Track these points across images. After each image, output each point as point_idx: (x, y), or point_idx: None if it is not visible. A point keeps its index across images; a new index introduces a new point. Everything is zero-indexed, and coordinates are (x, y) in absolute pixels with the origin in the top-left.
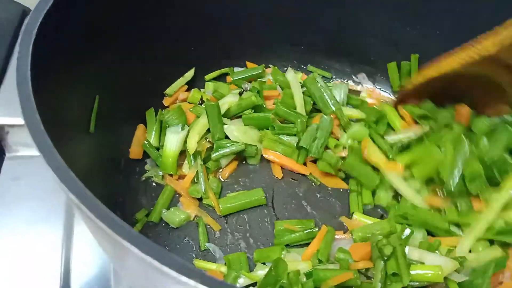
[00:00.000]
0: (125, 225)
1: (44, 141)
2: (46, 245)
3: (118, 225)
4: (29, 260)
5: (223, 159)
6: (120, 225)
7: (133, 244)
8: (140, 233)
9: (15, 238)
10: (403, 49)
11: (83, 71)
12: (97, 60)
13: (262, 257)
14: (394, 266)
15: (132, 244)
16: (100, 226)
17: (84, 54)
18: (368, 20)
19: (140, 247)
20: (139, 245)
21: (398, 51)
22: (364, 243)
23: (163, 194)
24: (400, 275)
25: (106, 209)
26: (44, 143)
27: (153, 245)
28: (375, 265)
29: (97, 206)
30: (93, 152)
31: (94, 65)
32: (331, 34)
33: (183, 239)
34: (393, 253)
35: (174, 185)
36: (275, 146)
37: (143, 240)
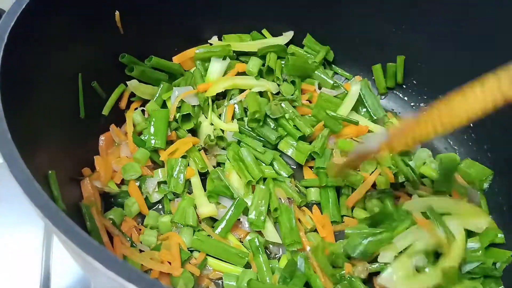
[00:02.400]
0: (90, 239)
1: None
2: (26, 247)
3: (83, 239)
4: (8, 263)
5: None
6: (86, 240)
7: (97, 260)
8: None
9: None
10: (388, 50)
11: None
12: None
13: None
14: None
15: (97, 260)
16: (62, 238)
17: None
18: (354, 20)
19: (105, 263)
20: (104, 261)
21: (383, 51)
22: None
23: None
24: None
25: (70, 222)
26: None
27: (117, 261)
28: None
29: (62, 220)
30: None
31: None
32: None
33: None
34: None
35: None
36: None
37: (109, 256)
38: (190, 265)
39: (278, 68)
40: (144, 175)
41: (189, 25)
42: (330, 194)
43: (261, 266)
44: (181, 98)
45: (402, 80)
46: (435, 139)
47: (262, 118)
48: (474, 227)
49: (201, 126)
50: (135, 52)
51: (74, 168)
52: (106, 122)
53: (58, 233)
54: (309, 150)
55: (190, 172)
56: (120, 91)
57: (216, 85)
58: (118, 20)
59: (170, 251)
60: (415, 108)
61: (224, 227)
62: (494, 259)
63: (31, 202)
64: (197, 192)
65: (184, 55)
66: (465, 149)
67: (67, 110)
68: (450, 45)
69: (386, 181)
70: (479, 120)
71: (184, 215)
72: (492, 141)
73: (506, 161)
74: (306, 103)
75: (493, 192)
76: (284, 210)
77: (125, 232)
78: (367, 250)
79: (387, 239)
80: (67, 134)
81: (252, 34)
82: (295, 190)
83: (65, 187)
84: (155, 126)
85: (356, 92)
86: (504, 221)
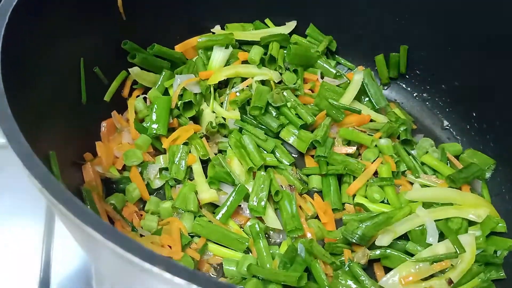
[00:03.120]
0: (89, 212)
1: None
2: (26, 238)
3: (81, 210)
4: (8, 253)
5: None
6: (84, 211)
7: (96, 230)
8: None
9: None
10: (391, 40)
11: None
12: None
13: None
14: None
15: (96, 230)
16: (62, 210)
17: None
18: (357, 10)
19: (104, 234)
20: (103, 232)
21: (386, 42)
22: None
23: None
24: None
25: (70, 195)
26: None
27: (116, 232)
28: None
29: (61, 192)
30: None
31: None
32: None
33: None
34: None
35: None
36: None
37: (107, 227)
38: (190, 250)
39: (280, 57)
40: (145, 161)
41: (191, 14)
42: (332, 182)
43: (261, 251)
44: (183, 85)
45: (405, 70)
46: (438, 129)
47: (264, 106)
48: (475, 217)
49: (203, 114)
50: (137, 40)
51: (76, 152)
52: (108, 108)
53: (57, 205)
54: (311, 139)
55: (191, 159)
56: (122, 78)
57: (219, 73)
58: (121, 6)
59: (170, 235)
60: (418, 98)
61: (225, 213)
62: (495, 247)
63: (31, 175)
64: (199, 178)
65: (187, 43)
66: (468, 139)
67: (69, 94)
68: (453, 35)
69: (388, 170)
70: (481, 110)
71: (185, 201)
72: (495, 131)
73: (508, 151)
74: (309, 92)
75: (495, 181)
76: (286, 195)
77: (126, 217)
78: (365, 234)
79: (384, 222)
80: (69, 118)
81: (255, 24)
82: (296, 177)
83: (66, 170)
84: (157, 113)
85: (358, 82)
86: (506, 210)
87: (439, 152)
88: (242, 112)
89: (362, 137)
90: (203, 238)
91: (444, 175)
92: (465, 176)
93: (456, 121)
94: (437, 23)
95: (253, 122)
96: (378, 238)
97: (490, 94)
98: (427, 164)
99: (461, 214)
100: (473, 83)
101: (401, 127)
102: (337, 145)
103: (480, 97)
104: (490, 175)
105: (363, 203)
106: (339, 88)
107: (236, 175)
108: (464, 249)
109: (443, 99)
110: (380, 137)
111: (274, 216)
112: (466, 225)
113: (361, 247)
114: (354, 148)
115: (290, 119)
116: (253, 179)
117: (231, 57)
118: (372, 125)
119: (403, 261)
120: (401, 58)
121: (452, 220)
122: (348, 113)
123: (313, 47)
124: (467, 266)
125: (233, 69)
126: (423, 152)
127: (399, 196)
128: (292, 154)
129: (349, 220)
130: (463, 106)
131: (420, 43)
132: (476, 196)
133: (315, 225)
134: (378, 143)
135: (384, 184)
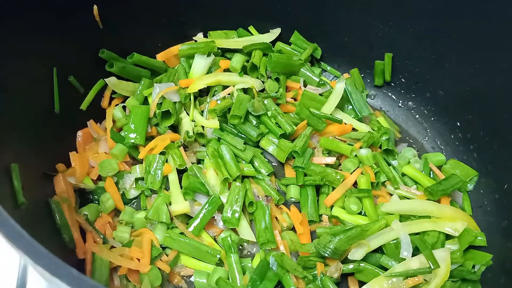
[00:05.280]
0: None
1: None
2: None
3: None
4: None
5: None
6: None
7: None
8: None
9: None
10: (377, 47)
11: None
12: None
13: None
14: None
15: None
16: None
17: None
18: (342, 17)
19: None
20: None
21: (372, 49)
22: None
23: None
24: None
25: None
26: None
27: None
28: None
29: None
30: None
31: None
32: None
33: None
34: None
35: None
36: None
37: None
38: (160, 262)
39: (262, 65)
40: (122, 171)
41: (173, 21)
42: (310, 192)
43: (232, 266)
44: (162, 94)
45: (390, 78)
46: (422, 138)
47: (243, 115)
48: (451, 230)
49: (182, 123)
50: (117, 48)
51: (48, 163)
52: (86, 117)
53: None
54: (290, 149)
55: (167, 169)
56: (99, 87)
57: (199, 81)
58: (97, 14)
59: (140, 247)
60: (403, 107)
61: (198, 225)
62: (473, 261)
63: None
64: (173, 189)
65: (169, 52)
66: (452, 149)
67: (40, 104)
68: (438, 44)
69: (367, 181)
70: (466, 119)
71: (158, 212)
72: (479, 141)
73: (491, 162)
74: (291, 100)
75: (478, 193)
76: (260, 207)
77: (99, 228)
78: (337, 248)
79: (358, 236)
80: (40, 127)
81: (238, 31)
82: (273, 188)
83: (36, 182)
84: (135, 122)
85: (340, 90)
86: (488, 222)
87: (421, 163)
88: (223, 120)
89: (341, 147)
90: (175, 250)
91: (424, 186)
92: (444, 188)
93: (441, 131)
94: (423, 31)
95: (233, 131)
96: (351, 252)
97: (475, 104)
98: (408, 175)
99: (438, 227)
100: (458, 92)
101: (383, 137)
102: (317, 155)
103: (465, 107)
104: (472, 187)
105: (337, 216)
106: (321, 96)
107: (210, 185)
108: (438, 264)
109: (428, 108)
110: (360, 146)
111: (248, 227)
112: (443, 238)
113: (335, 261)
114: (334, 158)
115: (270, 128)
116: (228, 189)
117: (213, 65)
118: (354, 134)
119: (377, 275)
120: (386, 66)
121: (429, 234)
122: (330, 122)
123: (296, 55)
124: (441, 282)
125: (214, 77)
126: (405, 162)
127: (377, 208)
128: (272, 163)
129: (323, 233)
130: (447, 115)
131: (405, 51)
132: (454, 208)
133: (289, 237)
134: (358, 153)
135: (361, 195)
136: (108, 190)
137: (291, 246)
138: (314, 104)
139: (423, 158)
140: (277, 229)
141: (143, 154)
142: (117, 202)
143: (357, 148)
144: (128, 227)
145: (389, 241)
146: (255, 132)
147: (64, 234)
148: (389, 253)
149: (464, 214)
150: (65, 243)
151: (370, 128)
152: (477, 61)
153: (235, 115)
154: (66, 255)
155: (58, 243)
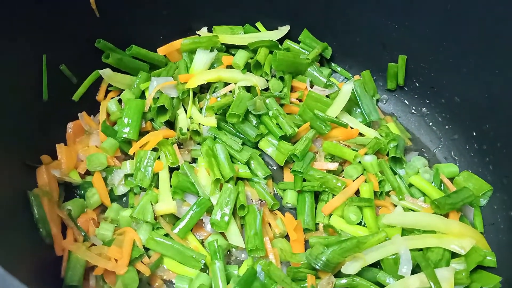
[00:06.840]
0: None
1: None
2: None
3: None
4: None
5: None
6: None
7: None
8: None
9: None
10: (390, 49)
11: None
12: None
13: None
14: None
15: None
16: None
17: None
18: (354, 15)
19: None
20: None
21: (386, 50)
22: None
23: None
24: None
25: None
26: None
27: None
28: None
29: None
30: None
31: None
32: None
33: None
34: None
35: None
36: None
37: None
38: (141, 264)
39: (267, 63)
40: (111, 166)
41: (176, 13)
42: (307, 199)
43: (215, 273)
44: (159, 88)
45: (403, 82)
46: (435, 147)
47: (242, 114)
48: (457, 248)
49: (178, 119)
50: (114, 39)
51: (31, 153)
52: (78, 109)
53: None
54: (290, 152)
55: (158, 166)
56: (94, 78)
57: (199, 77)
58: (93, 2)
59: (120, 247)
60: (417, 113)
61: (183, 227)
62: (481, 284)
63: None
64: (162, 187)
65: (170, 46)
66: (466, 160)
67: (28, 90)
68: (455, 46)
69: (370, 190)
70: (482, 129)
71: (144, 211)
72: (496, 154)
73: (508, 176)
74: (296, 101)
75: (491, 209)
76: (252, 211)
77: (82, 224)
78: (329, 260)
79: (353, 248)
80: (24, 114)
81: (245, 27)
82: (269, 192)
83: (16, 173)
84: (128, 116)
85: (347, 92)
86: (499, 242)
87: (431, 173)
88: (222, 119)
89: (345, 152)
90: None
91: (431, 198)
92: (453, 202)
93: (455, 140)
94: (440, 33)
95: (231, 130)
96: (345, 266)
97: (493, 113)
98: (415, 185)
99: (443, 244)
100: (475, 99)
101: (391, 143)
102: (319, 160)
103: (482, 115)
104: (485, 202)
105: (333, 225)
106: (327, 98)
107: (201, 185)
108: (440, 284)
109: (443, 115)
110: (366, 153)
111: (238, 232)
112: (448, 256)
113: (327, 274)
114: (336, 164)
115: (270, 129)
116: (220, 191)
117: (216, 61)
118: (360, 139)
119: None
120: (400, 69)
121: (433, 250)
122: (335, 125)
123: (304, 54)
124: None
125: (215, 73)
126: (414, 171)
127: (378, 219)
128: (270, 166)
129: (315, 243)
130: (463, 124)
131: (420, 54)
132: (463, 224)
133: (281, 245)
134: (362, 160)
135: (362, 205)
136: (95, 185)
137: (281, 255)
138: (319, 105)
139: (434, 169)
140: (269, 236)
141: (134, 149)
142: (104, 198)
143: (362, 154)
144: (112, 225)
145: (388, 256)
146: (254, 132)
147: (42, 229)
148: (387, 269)
149: (474, 231)
150: (42, 238)
151: (378, 134)
152: (497, 66)
153: (233, 113)
154: (43, 251)
155: (35, 239)
